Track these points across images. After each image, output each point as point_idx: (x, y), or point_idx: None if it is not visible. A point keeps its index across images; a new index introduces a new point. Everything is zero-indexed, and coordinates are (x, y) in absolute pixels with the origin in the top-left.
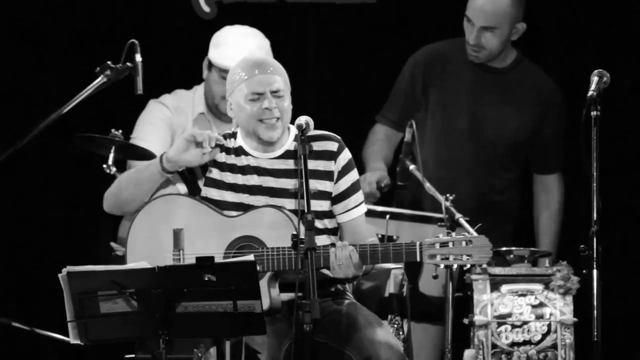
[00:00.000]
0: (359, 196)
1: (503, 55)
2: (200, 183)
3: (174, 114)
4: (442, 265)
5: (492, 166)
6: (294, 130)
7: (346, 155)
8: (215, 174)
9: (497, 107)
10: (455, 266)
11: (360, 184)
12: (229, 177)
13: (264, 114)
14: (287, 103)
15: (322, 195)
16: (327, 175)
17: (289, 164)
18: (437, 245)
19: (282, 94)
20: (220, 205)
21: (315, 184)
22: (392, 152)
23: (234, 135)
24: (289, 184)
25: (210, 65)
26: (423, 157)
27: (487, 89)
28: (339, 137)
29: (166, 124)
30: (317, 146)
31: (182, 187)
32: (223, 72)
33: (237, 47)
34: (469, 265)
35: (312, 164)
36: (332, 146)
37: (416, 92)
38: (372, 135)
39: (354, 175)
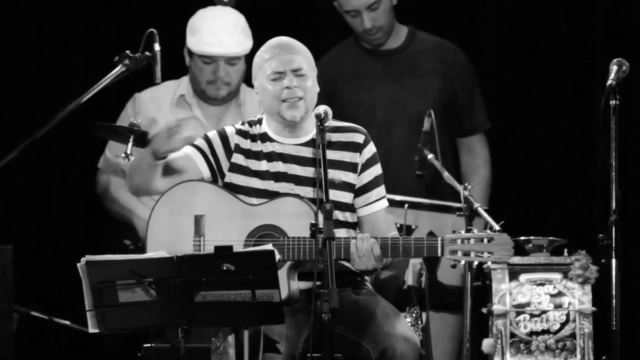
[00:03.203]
0: (380, 190)
1: (395, 31)
2: (225, 168)
3: (148, 105)
4: (462, 262)
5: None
6: (305, 118)
7: (371, 148)
8: (240, 159)
9: (408, 87)
10: (475, 262)
11: None
12: (255, 164)
13: (285, 94)
14: (309, 82)
15: (346, 186)
16: (351, 167)
17: (317, 153)
18: (459, 241)
19: (304, 72)
20: (244, 192)
21: (340, 175)
22: None
23: (259, 121)
24: (314, 172)
25: (191, 52)
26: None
27: (392, 72)
28: (365, 130)
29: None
30: (343, 137)
31: (203, 166)
32: (204, 57)
33: (212, 30)
34: (489, 262)
35: (338, 155)
36: (359, 138)
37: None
38: None
39: (377, 169)
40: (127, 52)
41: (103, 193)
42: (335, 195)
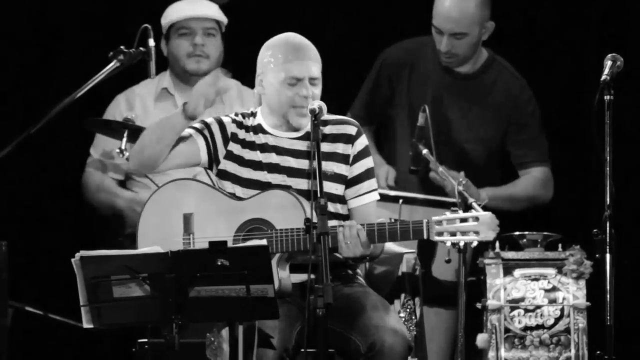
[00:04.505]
0: (371, 183)
1: (474, 58)
2: (221, 155)
3: (129, 102)
4: (448, 243)
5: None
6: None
7: (363, 140)
8: (236, 148)
9: (463, 114)
10: (462, 243)
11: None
12: (249, 154)
13: (299, 101)
14: (319, 90)
15: (338, 178)
16: (344, 159)
17: (310, 146)
18: (445, 223)
19: (317, 82)
20: (237, 181)
21: (333, 167)
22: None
23: (252, 114)
24: (308, 165)
25: (167, 35)
26: (399, 156)
27: (454, 95)
28: (357, 123)
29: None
30: (335, 129)
31: (203, 150)
32: (180, 29)
33: (185, 6)
34: (475, 243)
35: (331, 147)
36: (351, 130)
37: (383, 92)
38: None
39: (369, 161)
40: (122, 47)
41: (95, 190)
42: (327, 186)
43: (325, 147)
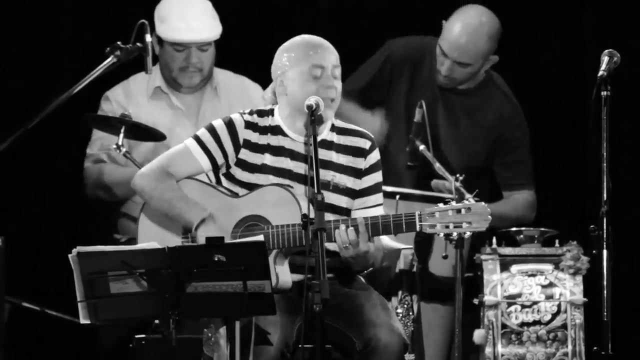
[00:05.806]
0: (378, 198)
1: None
2: (232, 160)
3: (122, 102)
4: (441, 234)
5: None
6: (332, 120)
7: (376, 155)
8: (245, 154)
9: (452, 125)
10: (455, 235)
11: None
12: (261, 158)
13: (324, 93)
14: (340, 84)
15: (350, 192)
16: (356, 173)
17: (325, 154)
18: (437, 214)
19: (339, 74)
20: (247, 187)
21: (346, 181)
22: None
23: (270, 112)
24: (321, 174)
25: (161, 40)
26: (393, 153)
27: (446, 106)
28: (372, 136)
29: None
30: (349, 141)
31: (203, 159)
32: (176, 45)
33: (182, 16)
34: (469, 233)
35: (345, 160)
36: (365, 144)
37: (383, 83)
38: None
39: (378, 176)
40: (119, 43)
41: (95, 183)
42: (338, 200)
43: (343, 159)
